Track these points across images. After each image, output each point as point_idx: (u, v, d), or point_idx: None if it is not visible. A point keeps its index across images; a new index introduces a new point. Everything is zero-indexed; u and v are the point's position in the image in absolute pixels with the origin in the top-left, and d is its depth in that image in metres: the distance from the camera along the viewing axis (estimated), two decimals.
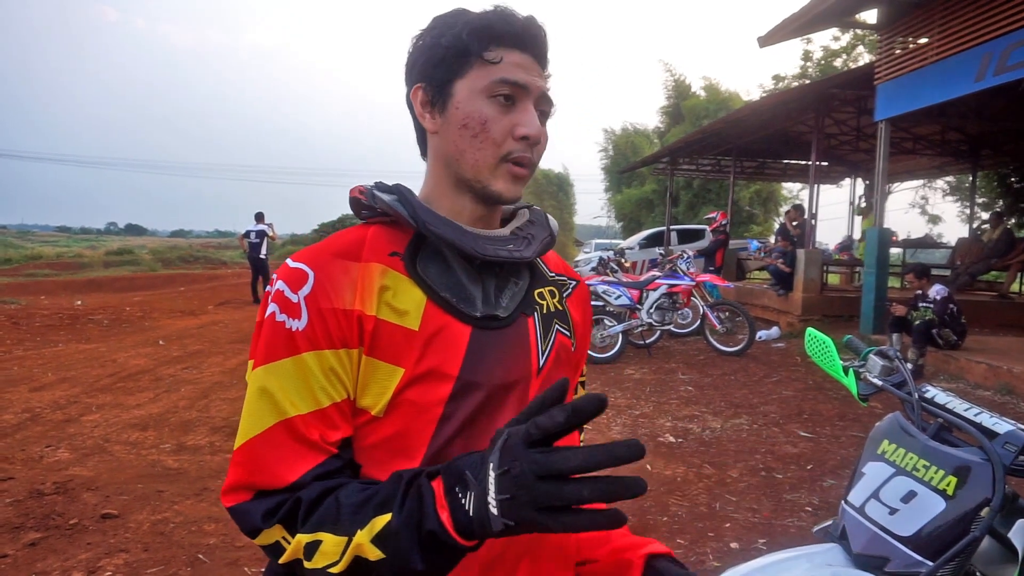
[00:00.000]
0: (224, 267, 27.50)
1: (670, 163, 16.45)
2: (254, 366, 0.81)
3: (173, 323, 11.28)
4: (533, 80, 0.86)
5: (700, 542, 3.26)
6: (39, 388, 6.27)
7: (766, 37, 8.64)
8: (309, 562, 0.73)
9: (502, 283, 0.91)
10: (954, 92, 6.98)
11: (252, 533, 0.77)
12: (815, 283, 9.80)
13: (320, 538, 0.72)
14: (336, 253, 0.84)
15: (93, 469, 4.16)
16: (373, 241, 0.86)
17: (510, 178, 0.87)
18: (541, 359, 0.89)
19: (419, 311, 0.83)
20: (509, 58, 0.85)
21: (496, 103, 0.84)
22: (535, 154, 0.88)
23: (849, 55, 20.73)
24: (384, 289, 0.83)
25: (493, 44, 0.84)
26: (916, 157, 13.54)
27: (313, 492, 0.76)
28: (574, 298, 1.04)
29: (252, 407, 0.80)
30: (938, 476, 1.19)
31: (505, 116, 0.85)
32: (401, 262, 0.85)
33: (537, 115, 0.87)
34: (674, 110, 28.27)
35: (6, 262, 25.66)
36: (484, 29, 0.84)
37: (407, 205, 0.86)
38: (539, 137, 0.86)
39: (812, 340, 1.64)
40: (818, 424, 5.27)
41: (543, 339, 0.91)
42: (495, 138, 0.84)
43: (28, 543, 3.16)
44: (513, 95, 0.85)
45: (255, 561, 3.03)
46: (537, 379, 0.89)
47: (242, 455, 0.79)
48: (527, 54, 0.86)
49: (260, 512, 0.76)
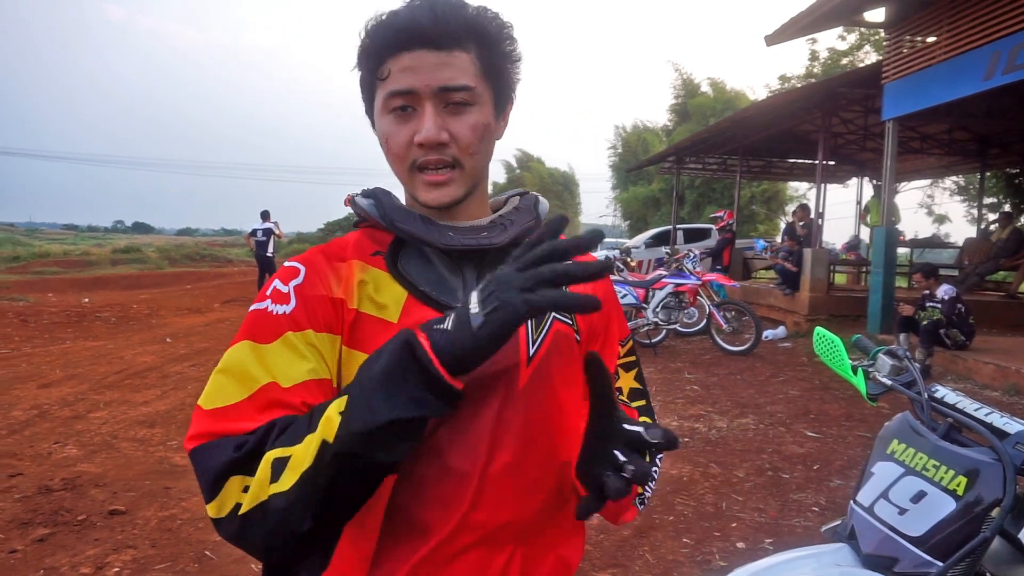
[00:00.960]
0: (230, 265, 27.58)
1: (676, 162, 16.42)
2: (236, 340, 0.81)
3: (180, 321, 11.32)
4: (420, 81, 0.80)
5: (706, 541, 3.25)
6: (47, 385, 6.30)
7: (773, 36, 8.62)
8: (275, 483, 0.68)
9: (487, 272, 0.88)
10: (963, 91, 6.94)
11: (214, 479, 0.71)
12: (822, 282, 9.77)
13: (291, 452, 0.69)
14: (326, 254, 0.89)
15: (101, 465, 4.18)
16: (357, 243, 0.90)
17: (426, 187, 0.84)
18: (531, 347, 0.87)
19: (399, 305, 0.84)
20: (396, 65, 0.81)
21: (394, 116, 0.83)
22: (455, 152, 0.83)
23: (855, 55, 20.63)
24: (363, 284, 0.85)
25: (380, 60, 0.82)
26: (923, 156, 13.47)
27: (288, 419, 0.74)
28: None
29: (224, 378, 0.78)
30: (948, 476, 1.19)
31: (405, 127, 0.83)
32: (383, 260, 0.88)
33: (445, 107, 0.82)
34: (682, 108, 28.22)
35: (14, 259, 25.79)
36: (369, 49, 0.83)
37: (379, 206, 0.88)
38: (434, 140, 0.81)
39: (821, 339, 1.64)
40: (825, 424, 5.25)
41: (535, 328, 0.88)
42: (397, 152, 0.84)
43: (37, 539, 3.18)
44: (407, 104, 0.82)
45: None
46: (528, 368, 0.86)
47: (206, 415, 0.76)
48: (417, 49, 0.80)
49: (231, 445, 0.72)
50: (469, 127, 0.84)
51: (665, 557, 3.10)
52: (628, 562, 3.05)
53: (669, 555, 3.12)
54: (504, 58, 0.88)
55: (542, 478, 0.87)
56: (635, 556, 3.10)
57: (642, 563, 3.05)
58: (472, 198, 0.91)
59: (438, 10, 0.80)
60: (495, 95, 0.88)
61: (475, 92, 0.83)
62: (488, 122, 0.86)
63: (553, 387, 0.88)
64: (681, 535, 3.32)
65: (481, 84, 0.85)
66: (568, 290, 0.64)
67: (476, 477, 0.82)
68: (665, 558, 3.09)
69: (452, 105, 0.82)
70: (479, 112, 0.85)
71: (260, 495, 0.69)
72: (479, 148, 0.85)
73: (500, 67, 0.87)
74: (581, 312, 0.64)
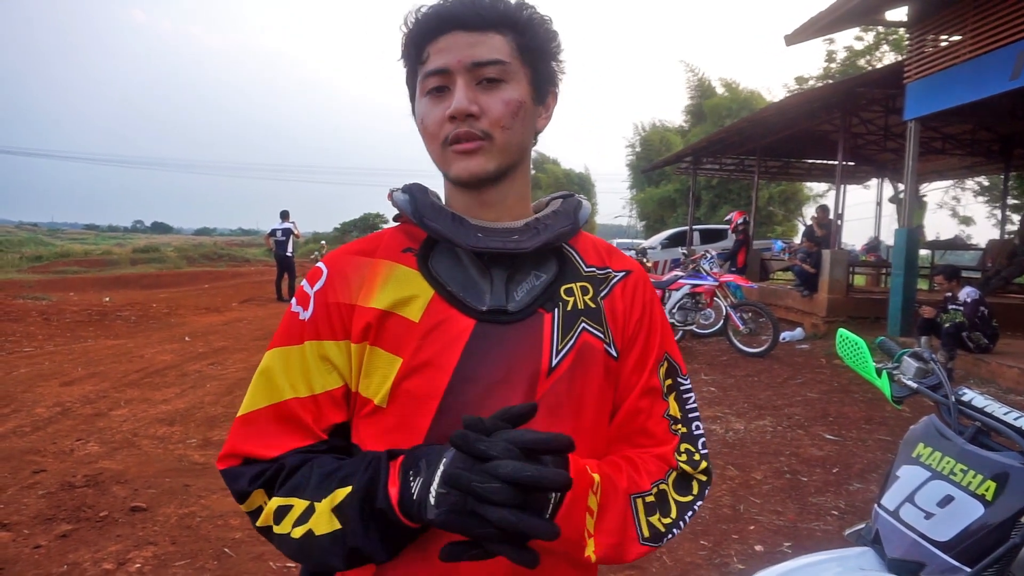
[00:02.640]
0: (247, 264, 27.81)
1: (693, 162, 16.33)
2: (269, 347, 0.90)
3: (198, 320, 11.44)
4: (453, 58, 0.82)
5: (724, 544, 3.23)
6: (69, 383, 6.39)
7: (793, 35, 8.54)
8: (277, 526, 0.79)
9: (518, 276, 0.88)
10: (987, 91, 6.83)
11: (240, 496, 0.84)
12: (841, 284, 9.67)
13: (291, 503, 0.79)
14: (355, 251, 0.91)
15: (122, 463, 4.23)
16: (390, 239, 0.91)
17: (457, 157, 0.84)
18: (554, 358, 0.85)
19: (424, 304, 0.85)
20: (434, 48, 0.84)
21: (430, 98, 0.85)
22: (485, 125, 0.83)
23: (873, 55, 20.40)
24: (388, 281, 0.86)
25: (421, 47, 0.85)
26: (946, 157, 13.29)
27: (295, 460, 0.82)
28: (621, 291, 0.94)
29: (256, 384, 0.88)
30: (976, 481, 1.17)
31: (439, 106, 0.84)
32: (414, 257, 0.88)
33: (478, 84, 0.83)
34: (697, 109, 28.06)
35: (37, 259, 26.18)
36: (409, 39, 0.86)
37: (412, 202, 0.89)
38: (463, 111, 0.81)
39: (843, 341, 1.62)
40: (844, 427, 5.20)
41: (561, 337, 0.86)
42: (431, 130, 0.85)
43: (60, 534, 3.23)
44: (443, 84, 0.83)
45: (280, 556, 3.06)
46: (548, 379, 0.84)
47: (240, 426, 0.86)
48: (453, 31, 0.83)
49: (249, 476, 0.83)
50: (501, 101, 0.84)
51: (683, 560, 3.08)
52: (645, 564, 3.03)
53: (687, 557, 3.10)
54: (542, 43, 0.88)
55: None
56: (652, 558, 3.08)
57: (659, 565, 3.03)
58: (511, 190, 0.90)
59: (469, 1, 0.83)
60: (533, 76, 0.87)
61: (508, 68, 0.84)
62: (522, 100, 0.85)
63: (573, 401, 0.86)
64: (698, 537, 3.30)
65: (516, 62, 0.85)
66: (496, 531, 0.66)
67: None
68: (683, 560, 3.07)
69: (485, 81, 0.83)
70: (513, 88, 0.84)
71: (267, 522, 0.82)
72: (511, 123, 0.84)
73: (537, 50, 0.87)
74: (545, 491, 0.69)
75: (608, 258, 0.97)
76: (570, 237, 0.92)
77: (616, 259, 0.97)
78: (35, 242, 36.21)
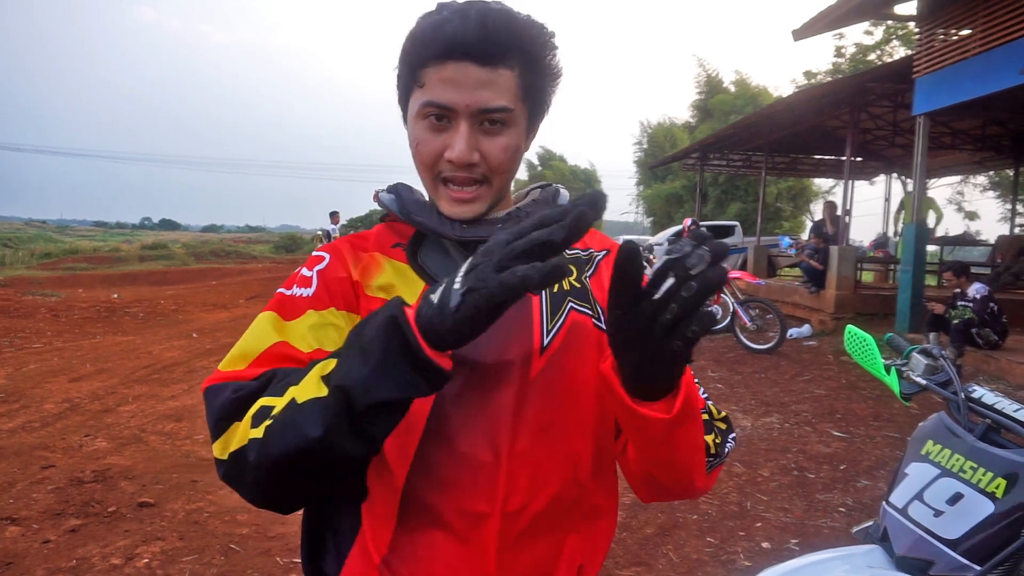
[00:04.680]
0: (255, 261, 27.91)
1: (700, 158, 16.27)
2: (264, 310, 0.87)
3: (206, 316, 11.49)
4: (461, 100, 0.79)
5: (731, 541, 3.22)
6: (78, 379, 6.43)
7: (801, 30, 8.49)
8: (254, 429, 0.71)
9: None
10: (998, 85, 6.77)
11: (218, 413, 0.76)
12: (848, 280, 9.62)
13: (274, 402, 0.72)
14: (350, 243, 0.93)
15: (130, 458, 4.26)
16: (379, 235, 0.93)
17: (451, 201, 0.85)
18: (545, 337, 0.86)
19: (415, 295, 0.82)
20: (439, 75, 0.80)
21: (429, 124, 0.83)
22: (484, 170, 0.83)
23: (883, 49, 20.27)
24: (382, 274, 0.88)
25: (422, 66, 0.81)
26: (955, 152, 13.19)
27: (288, 370, 0.77)
28: (606, 268, 0.95)
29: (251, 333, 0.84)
30: (986, 478, 1.16)
31: (437, 137, 0.82)
32: (403, 252, 0.90)
33: (480, 125, 0.82)
34: (704, 105, 27.97)
35: (46, 256, 26.35)
36: (412, 52, 0.82)
37: (399, 201, 0.92)
38: (464, 161, 0.81)
39: (852, 338, 1.61)
40: (851, 424, 5.17)
41: (550, 317, 0.87)
42: (425, 160, 0.84)
43: (69, 529, 3.25)
44: (444, 115, 0.81)
45: (287, 551, 3.07)
46: (541, 357, 0.85)
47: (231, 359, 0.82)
48: (463, 61, 0.79)
49: (230, 387, 0.77)
50: (501, 148, 0.83)
51: (689, 556, 3.07)
52: (652, 560, 3.03)
53: (693, 554, 3.09)
54: (545, 75, 0.87)
55: (555, 469, 0.85)
56: (659, 555, 3.08)
57: (666, 562, 3.03)
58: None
59: (489, 22, 0.78)
60: (530, 115, 0.88)
61: (513, 114, 0.83)
62: (520, 144, 0.87)
63: (567, 378, 0.87)
64: (705, 534, 3.29)
65: (519, 106, 0.84)
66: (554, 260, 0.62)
67: (488, 465, 0.82)
68: (689, 557, 3.07)
69: (488, 124, 0.82)
70: (513, 134, 0.84)
71: (243, 440, 0.72)
72: (508, 168, 0.86)
73: (540, 85, 0.87)
74: (551, 283, 0.62)
75: (589, 240, 0.98)
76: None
77: (596, 240, 0.99)
78: (44, 239, 36.45)
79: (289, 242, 35.41)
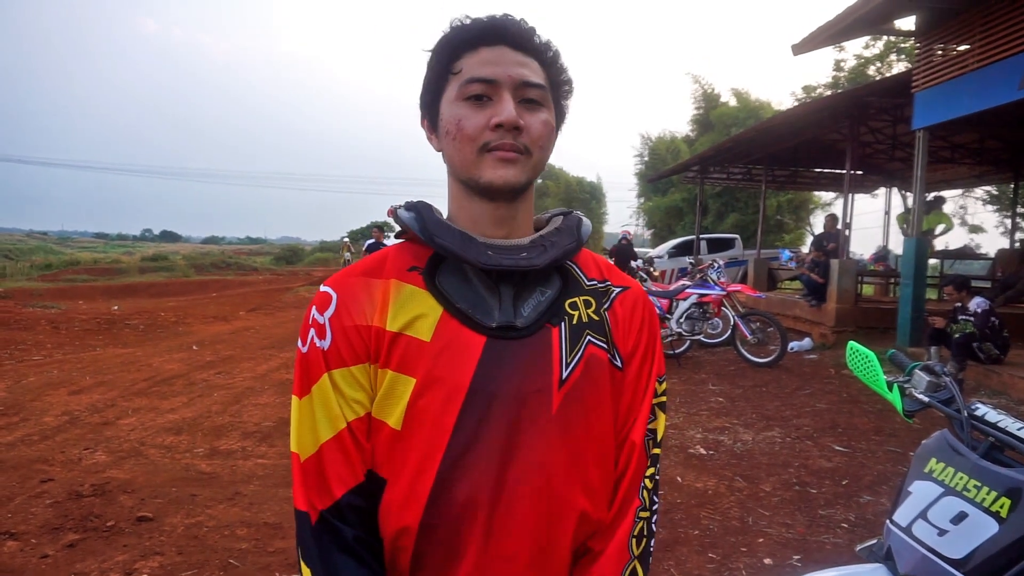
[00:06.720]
0: (255, 273, 27.92)
1: (700, 171, 16.31)
2: (294, 393, 0.88)
3: (206, 328, 11.47)
4: (503, 71, 0.85)
5: (733, 557, 3.20)
6: (78, 391, 6.41)
7: (801, 44, 8.53)
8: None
9: (525, 293, 0.89)
10: (995, 100, 6.80)
11: (301, 544, 0.86)
12: (849, 294, 9.62)
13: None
14: (361, 272, 0.90)
15: (129, 472, 4.24)
16: (395, 257, 0.91)
17: (495, 163, 0.85)
18: (564, 371, 0.86)
19: (433, 322, 0.85)
20: (475, 58, 0.85)
21: (469, 104, 0.86)
22: (527, 140, 0.86)
23: (882, 63, 20.38)
24: (399, 303, 0.86)
25: (456, 56, 0.87)
26: (954, 166, 13.23)
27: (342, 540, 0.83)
28: (621, 305, 0.96)
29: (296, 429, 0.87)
30: (990, 497, 1.15)
31: (480, 112, 0.85)
32: (420, 276, 0.88)
33: (519, 102, 0.86)
34: (703, 119, 28.08)
35: (46, 267, 26.38)
36: (446, 45, 0.88)
37: (420, 220, 0.89)
38: (513, 122, 0.83)
39: (854, 354, 1.61)
40: (853, 438, 5.15)
41: (569, 350, 0.87)
42: (469, 133, 0.85)
43: (67, 544, 3.23)
44: (485, 93, 0.85)
45: (286, 567, 3.05)
46: (560, 391, 0.85)
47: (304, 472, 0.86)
48: (498, 46, 0.86)
49: (310, 528, 0.84)
50: (542, 122, 0.87)
51: (691, 572, 3.05)
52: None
53: (695, 570, 3.07)
54: (563, 80, 0.93)
55: (571, 503, 0.86)
56: (660, 571, 3.06)
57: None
58: (522, 207, 0.92)
59: (515, 20, 0.88)
60: (556, 109, 0.92)
61: (546, 94, 0.89)
62: (553, 125, 0.90)
63: (585, 412, 0.87)
64: (707, 550, 3.27)
65: (548, 92, 0.90)
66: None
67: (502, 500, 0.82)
68: (691, 573, 3.05)
69: (526, 101, 0.86)
70: (548, 113, 0.89)
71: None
72: (547, 144, 0.89)
73: (560, 87, 0.93)
74: None
75: (607, 273, 0.99)
76: (575, 254, 0.94)
77: (615, 275, 1.00)
78: (45, 251, 36.50)
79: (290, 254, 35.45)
